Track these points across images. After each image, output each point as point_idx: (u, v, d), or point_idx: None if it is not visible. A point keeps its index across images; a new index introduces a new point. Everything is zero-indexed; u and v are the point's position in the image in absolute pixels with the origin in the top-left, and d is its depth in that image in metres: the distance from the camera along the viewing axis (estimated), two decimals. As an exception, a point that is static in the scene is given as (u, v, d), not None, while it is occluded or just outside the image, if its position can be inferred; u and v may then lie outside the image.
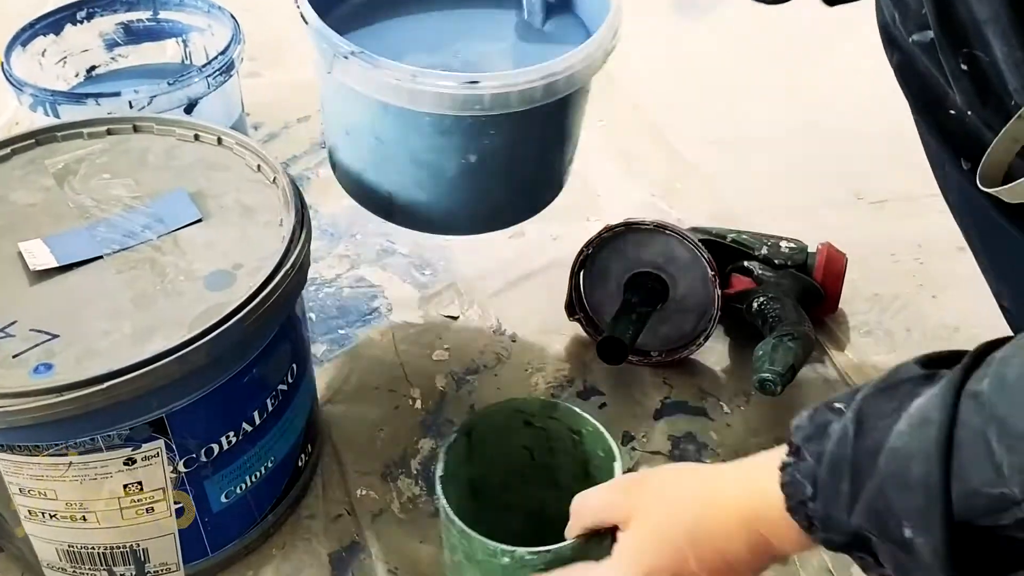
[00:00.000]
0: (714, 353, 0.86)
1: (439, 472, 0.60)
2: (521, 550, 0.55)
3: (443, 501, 0.58)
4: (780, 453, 0.49)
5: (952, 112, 0.60)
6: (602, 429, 0.62)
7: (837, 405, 0.48)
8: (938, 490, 0.42)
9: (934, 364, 0.46)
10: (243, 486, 0.67)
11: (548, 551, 0.55)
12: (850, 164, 1.10)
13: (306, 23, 0.68)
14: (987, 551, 0.43)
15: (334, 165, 0.78)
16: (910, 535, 0.43)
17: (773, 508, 0.48)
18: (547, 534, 0.58)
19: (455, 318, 0.90)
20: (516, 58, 0.75)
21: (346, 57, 0.65)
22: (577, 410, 0.64)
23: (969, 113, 0.56)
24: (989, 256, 0.68)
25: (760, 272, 0.86)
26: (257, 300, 0.60)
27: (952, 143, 0.64)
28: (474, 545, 0.57)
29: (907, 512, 0.43)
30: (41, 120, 0.90)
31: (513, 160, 0.71)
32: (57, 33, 1.01)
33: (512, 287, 0.93)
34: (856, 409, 0.46)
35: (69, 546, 0.64)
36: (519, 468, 0.66)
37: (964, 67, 0.53)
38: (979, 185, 0.47)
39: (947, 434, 0.42)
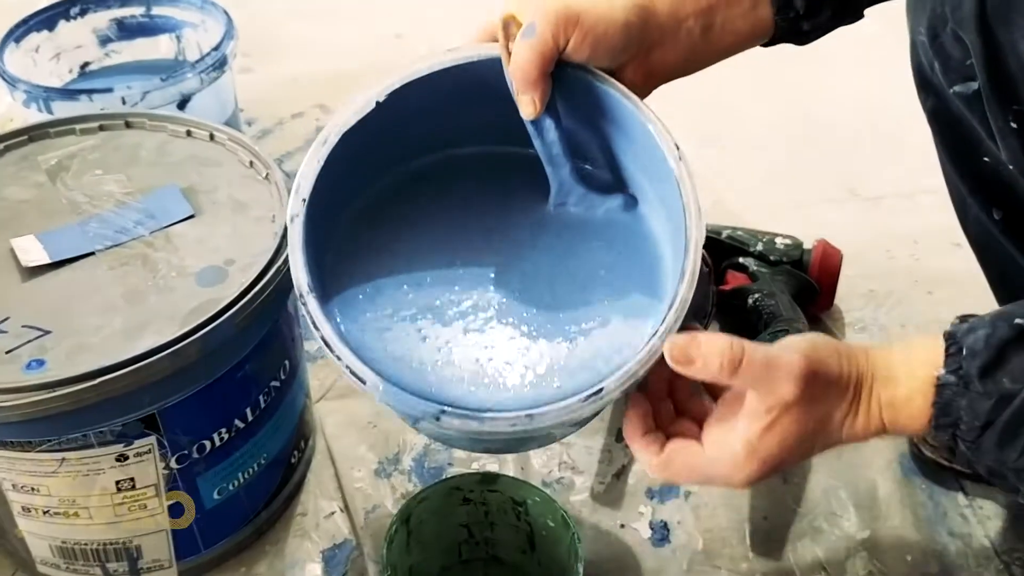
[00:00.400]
0: (708, 349, 0.86)
1: (384, 571, 0.59)
2: None
3: None
4: (932, 359, 0.47)
5: (987, 160, 0.59)
6: (551, 497, 0.62)
7: (1019, 322, 0.46)
8: None
9: None
10: (236, 483, 0.66)
11: None
12: (846, 161, 1.10)
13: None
14: None
15: None
16: None
17: (915, 419, 0.48)
18: None
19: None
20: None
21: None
22: (520, 480, 0.63)
23: (1012, 167, 0.55)
24: (1007, 293, 0.68)
25: (755, 268, 0.86)
26: (249, 296, 0.59)
27: (984, 192, 0.64)
28: None
29: None
30: (34, 116, 0.90)
31: None
32: (51, 29, 1.01)
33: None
34: None
35: (63, 543, 0.64)
36: (458, 547, 0.65)
37: (1014, 124, 0.52)
38: None
39: None
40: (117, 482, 0.61)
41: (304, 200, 0.50)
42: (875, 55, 0.63)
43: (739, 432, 0.47)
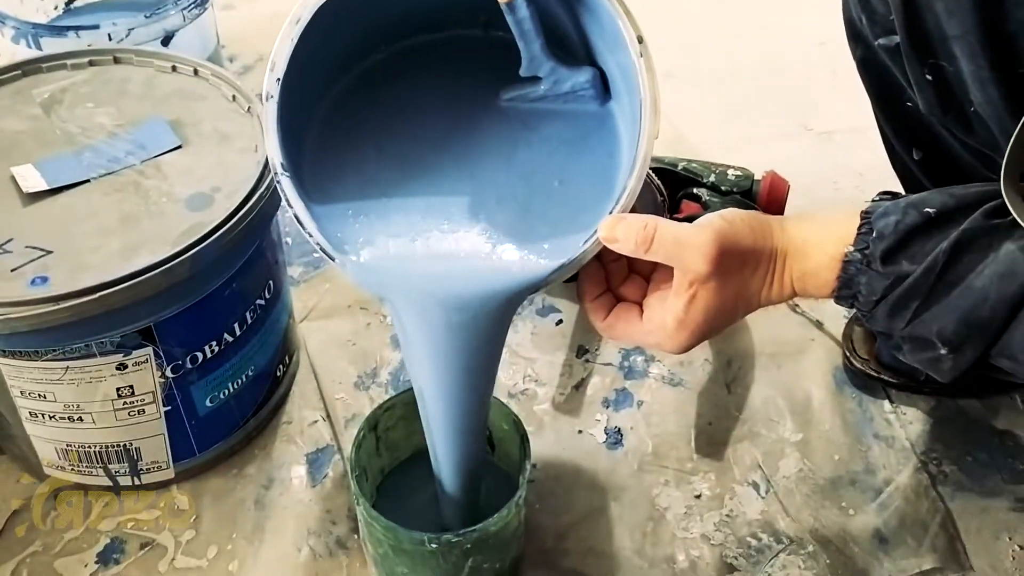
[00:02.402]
0: (664, 273, 0.92)
1: (352, 471, 0.63)
2: (446, 535, 0.59)
3: (361, 500, 0.61)
4: (846, 235, 0.52)
5: (908, 105, 0.64)
6: (503, 403, 0.67)
7: (929, 211, 0.51)
8: (993, 334, 0.49)
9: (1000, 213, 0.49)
10: (226, 392, 0.73)
11: (474, 530, 0.60)
12: (802, 98, 1.16)
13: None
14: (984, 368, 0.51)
15: None
16: (944, 352, 0.51)
17: (820, 288, 0.54)
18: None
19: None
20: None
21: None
22: None
23: (932, 117, 0.60)
24: None
25: (708, 198, 0.91)
26: (234, 220, 0.65)
27: (906, 134, 0.69)
28: (400, 537, 0.60)
29: (954, 338, 0.50)
30: (23, 52, 0.93)
31: None
32: (36, -34, 1.04)
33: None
34: (955, 241, 0.50)
35: (67, 445, 0.70)
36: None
37: (929, 76, 0.56)
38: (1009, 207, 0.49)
39: None
40: (118, 389, 0.67)
41: (279, 80, 0.52)
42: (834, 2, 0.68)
43: (668, 305, 0.53)
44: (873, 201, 0.55)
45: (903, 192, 0.69)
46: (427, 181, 0.57)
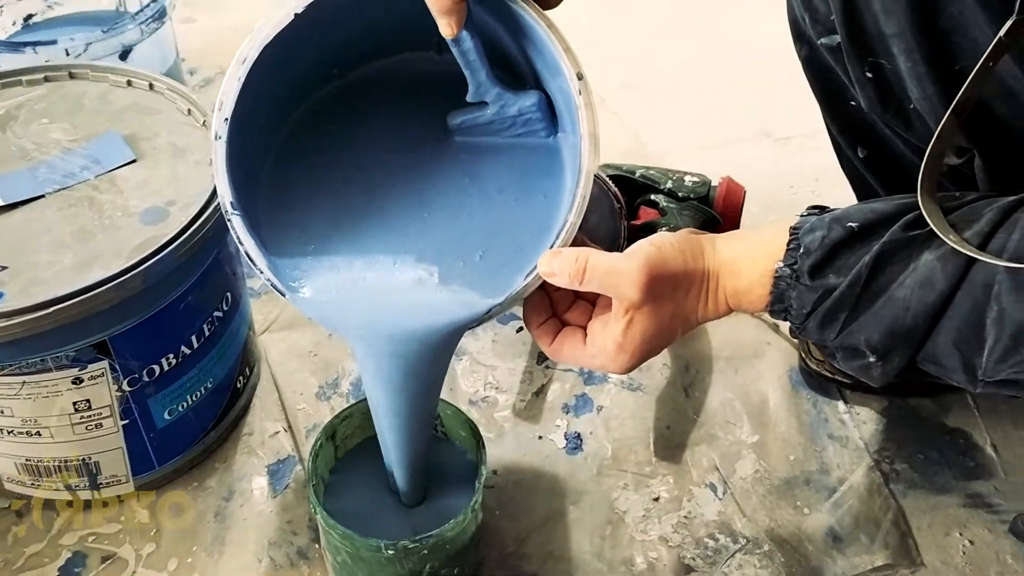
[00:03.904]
0: (623, 279, 0.93)
1: (310, 480, 0.64)
2: (403, 541, 0.60)
3: (319, 508, 0.62)
4: (775, 251, 0.53)
5: (852, 103, 0.66)
6: (460, 409, 0.68)
7: (852, 225, 0.52)
8: (918, 342, 0.51)
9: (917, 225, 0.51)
10: (185, 404, 0.73)
11: (430, 536, 0.60)
12: (760, 104, 1.17)
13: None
14: (917, 374, 0.53)
15: None
16: (873, 360, 0.53)
17: (754, 303, 0.55)
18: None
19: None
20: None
21: None
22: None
23: (873, 115, 0.62)
24: None
25: (665, 204, 0.93)
26: (189, 232, 0.65)
27: (850, 132, 0.71)
28: (357, 545, 0.61)
29: (881, 347, 0.52)
30: (-20, 68, 0.93)
31: None
32: (-7, -18, 1.04)
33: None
34: (877, 253, 0.51)
35: (26, 460, 0.70)
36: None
37: (869, 74, 0.58)
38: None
39: (945, 301, 0.49)
40: (74, 403, 0.67)
41: (227, 120, 0.52)
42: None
43: (609, 331, 0.55)
44: (801, 216, 0.56)
45: (842, 203, 0.71)
46: (376, 217, 0.59)
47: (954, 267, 0.49)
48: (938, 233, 0.49)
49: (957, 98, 0.50)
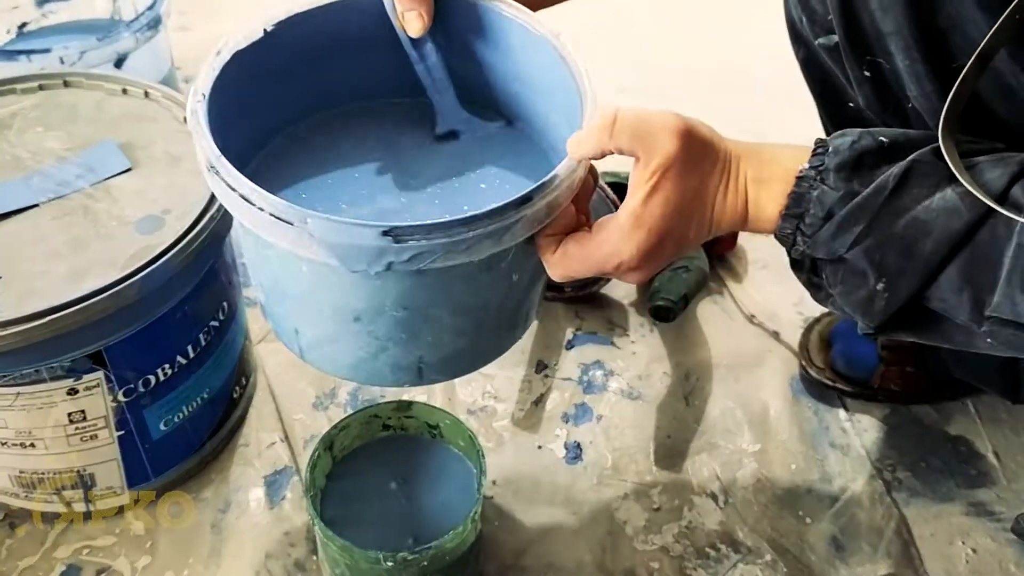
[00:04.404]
0: (621, 288, 0.93)
1: (308, 492, 0.63)
2: (402, 552, 0.60)
3: (317, 520, 0.61)
4: (800, 157, 0.51)
5: (851, 105, 0.65)
6: (459, 419, 0.68)
7: (883, 139, 0.50)
8: (932, 270, 0.49)
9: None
10: (180, 415, 0.72)
11: (429, 547, 0.60)
12: (757, 113, 1.17)
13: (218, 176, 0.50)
14: (917, 316, 0.51)
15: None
16: (880, 288, 0.50)
17: (772, 201, 0.52)
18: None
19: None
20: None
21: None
22: (432, 406, 0.69)
23: (869, 112, 0.62)
24: None
25: (663, 212, 0.92)
26: (185, 242, 0.65)
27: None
28: (356, 556, 0.61)
29: (895, 269, 0.50)
30: (-26, 77, 0.92)
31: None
32: (-13, -10, 1.03)
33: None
34: (906, 167, 0.49)
35: (20, 472, 0.69)
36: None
37: (867, 73, 0.58)
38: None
39: (970, 230, 0.47)
40: (69, 414, 0.66)
41: (203, 96, 0.51)
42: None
43: (624, 208, 0.51)
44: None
45: None
46: (366, 185, 0.57)
47: (981, 202, 0.47)
48: (956, 174, 0.48)
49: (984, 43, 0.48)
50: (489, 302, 0.54)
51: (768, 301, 0.92)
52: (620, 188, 0.92)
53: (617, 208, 0.87)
